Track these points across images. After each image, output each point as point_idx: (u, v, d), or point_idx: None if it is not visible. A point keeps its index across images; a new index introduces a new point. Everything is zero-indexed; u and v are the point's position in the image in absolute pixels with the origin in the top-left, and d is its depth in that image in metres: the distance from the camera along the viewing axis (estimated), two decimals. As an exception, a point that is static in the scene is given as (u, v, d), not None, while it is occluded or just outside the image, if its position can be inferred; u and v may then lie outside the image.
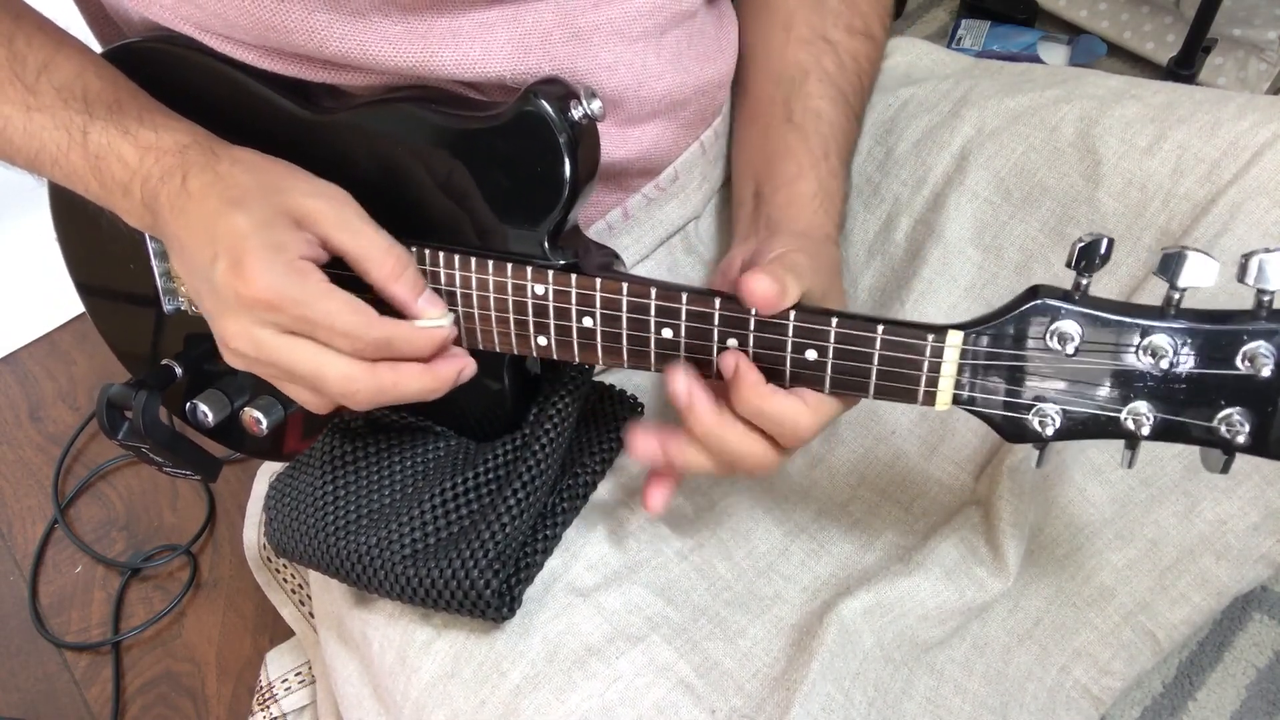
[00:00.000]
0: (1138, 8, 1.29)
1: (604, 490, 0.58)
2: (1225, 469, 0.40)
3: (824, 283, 0.48)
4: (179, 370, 0.59)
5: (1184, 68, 1.13)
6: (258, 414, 0.52)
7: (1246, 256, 0.36)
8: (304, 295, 0.43)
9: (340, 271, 0.45)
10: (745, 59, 0.61)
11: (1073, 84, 0.60)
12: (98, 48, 0.53)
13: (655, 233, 0.61)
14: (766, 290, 0.43)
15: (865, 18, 0.60)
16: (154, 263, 0.58)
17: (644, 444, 0.48)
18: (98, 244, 0.60)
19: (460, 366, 0.48)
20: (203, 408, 0.55)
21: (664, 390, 0.47)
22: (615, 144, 0.54)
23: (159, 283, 0.59)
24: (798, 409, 0.45)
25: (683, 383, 0.46)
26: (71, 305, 0.65)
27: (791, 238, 0.50)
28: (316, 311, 0.43)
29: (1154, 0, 1.26)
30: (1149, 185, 0.54)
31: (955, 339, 0.42)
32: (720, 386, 0.47)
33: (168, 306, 0.59)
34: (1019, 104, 0.60)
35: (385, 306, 0.45)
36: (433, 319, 0.46)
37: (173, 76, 0.51)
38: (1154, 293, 0.54)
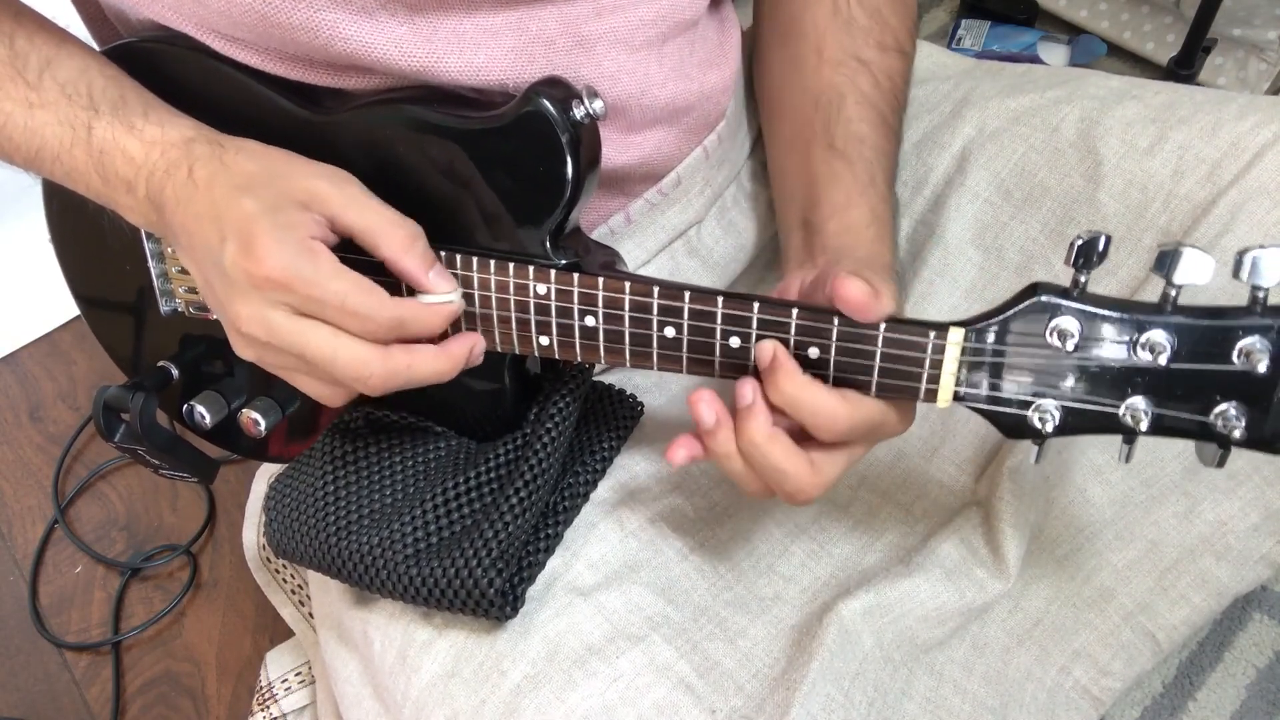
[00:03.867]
0: (1138, 8, 1.29)
1: (605, 489, 0.58)
2: (1221, 463, 0.41)
3: (898, 306, 0.47)
4: (175, 372, 0.59)
5: (1184, 68, 1.13)
6: (256, 415, 0.52)
7: (1241, 253, 0.37)
8: (315, 275, 0.42)
9: (350, 255, 0.45)
10: (777, 86, 0.61)
11: (1074, 84, 0.60)
12: (96, 49, 0.53)
13: (658, 237, 0.61)
14: (858, 290, 0.42)
15: (895, 33, 0.59)
16: (150, 264, 0.58)
17: (681, 447, 0.47)
18: (93, 247, 0.60)
19: (471, 343, 0.47)
20: (200, 409, 0.55)
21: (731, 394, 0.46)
22: (617, 150, 0.54)
23: (156, 284, 0.59)
24: (834, 400, 0.44)
25: (749, 387, 0.45)
26: (72, 305, 0.65)
27: (855, 264, 0.49)
28: (327, 291, 0.43)
29: (1154, 0, 1.26)
30: (1150, 186, 0.54)
31: (956, 336, 0.42)
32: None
33: (164, 308, 0.59)
34: (1020, 105, 0.60)
35: (395, 290, 0.45)
36: (442, 294, 0.46)
37: (173, 76, 0.51)
38: (1154, 294, 0.54)
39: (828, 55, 0.57)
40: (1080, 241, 0.38)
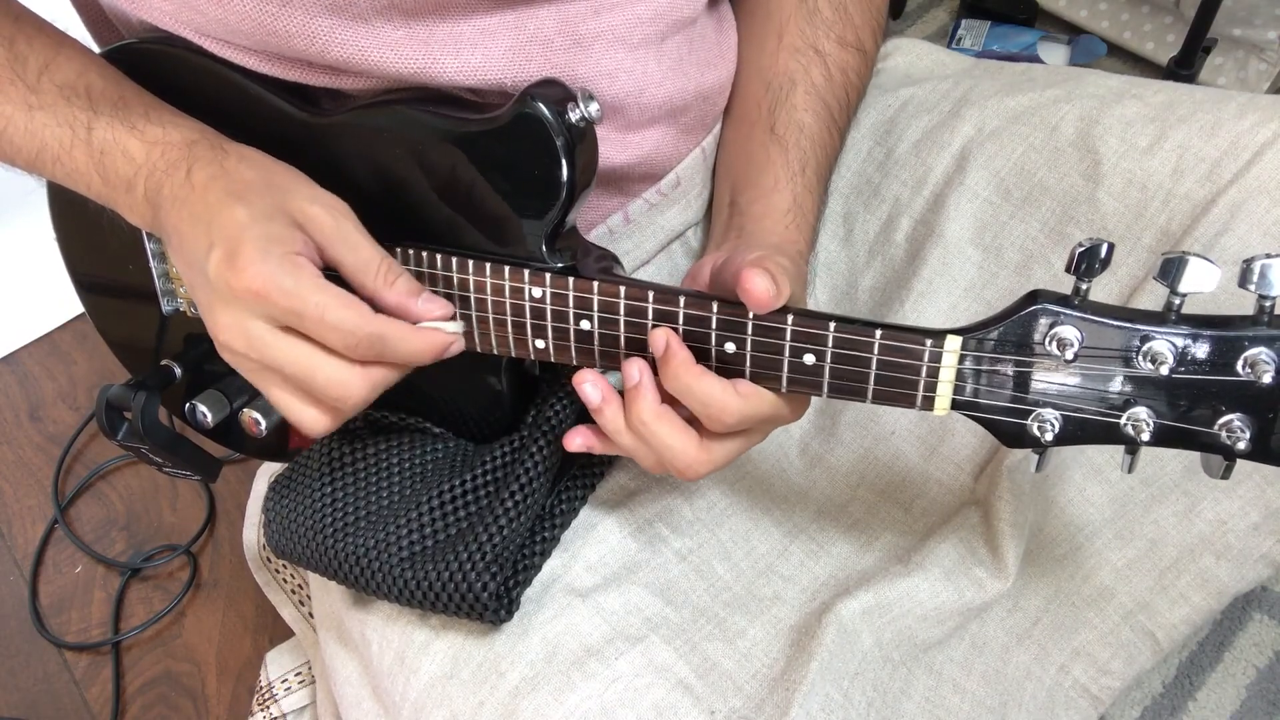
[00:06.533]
0: (1138, 8, 1.29)
1: (603, 492, 0.58)
2: (1226, 474, 0.40)
3: (798, 294, 0.48)
4: (178, 371, 0.59)
5: (1184, 68, 1.13)
6: (257, 415, 0.52)
7: (1248, 262, 0.36)
8: (296, 287, 0.42)
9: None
10: (738, 64, 0.61)
11: (1073, 84, 0.60)
12: (96, 50, 0.53)
13: (656, 237, 0.61)
14: (765, 288, 0.42)
15: (858, 30, 0.60)
16: (152, 263, 0.58)
17: (576, 435, 0.49)
18: (97, 244, 0.60)
19: (448, 341, 0.47)
20: (201, 408, 0.55)
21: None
22: (616, 149, 0.54)
23: (158, 284, 0.59)
24: (726, 392, 0.45)
25: (636, 367, 0.46)
26: (71, 305, 0.65)
27: (766, 249, 0.49)
28: (307, 304, 0.42)
29: (1154, 0, 1.26)
30: (1149, 185, 0.54)
31: (953, 344, 0.42)
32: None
33: (166, 307, 0.59)
34: (1019, 104, 0.60)
35: None
36: (437, 319, 0.46)
37: (171, 77, 0.51)
38: (1154, 293, 0.54)
39: (787, 40, 0.58)
40: (1081, 249, 0.38)
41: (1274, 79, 1.20)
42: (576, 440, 0.49)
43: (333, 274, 0.45)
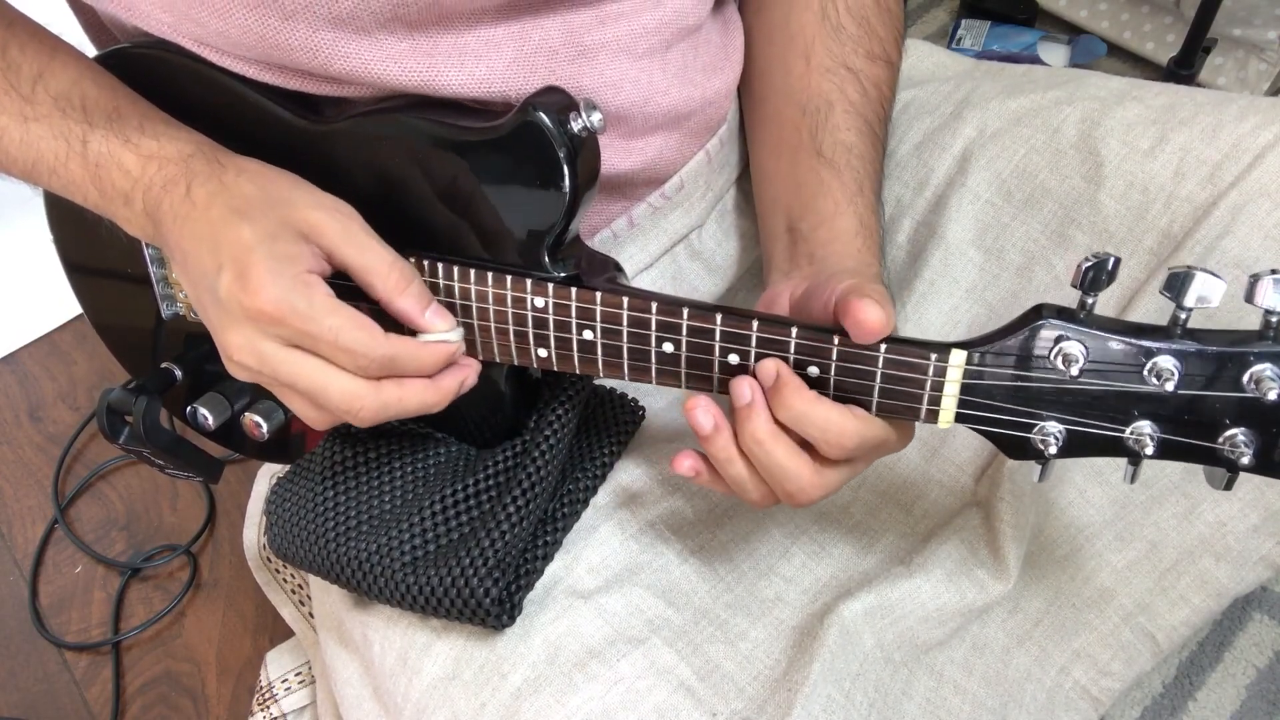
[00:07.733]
0: (1138, 8, 1.29)
1: (605, 493, 0.58)
2: (1229, 486, 0.40)
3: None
4: (179, 373, 0.59)
5: (1184, 68, 1.13)
6: (258, 418, 0.52)
7: (1255, 277, 0.36)
8: (310, 309, 0.42)
9: (344, 282, 0.45)
10: (765, 89, 0.61)
11: (1074, 85, 0.60)
12: (93, 53, 0.52)
13: (660, 241, 0.61)
14: (877, 317, 0.41)
15: (884, 43, 0.59)
16: (151, 268, 0.58)
17: (686, 457, 0.47)
18: (95, 249, 0.60)
19: (461, 377, 0.47)
20: (203, 411, 0.55)
21: (684, 399, 0.46)
22: (619, 156, 0.54)
23: (157, 288, 0.59)
24: (843, 415, 0.44)
25: (747, 385, 0.44)
26: (71, 305, 0.65)
27: (848, 275, 0.48)
28: (321, 327, 0.42)
29: (1154, 0, 1.26)
30: (1150, 187, 0.54)
31: (958, 358, 0.42)
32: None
33: (166, 311, 0.59)
34: (1020, 105, 0.60)
35: (390, 322, 0.45)
36: (440, 333, 0.46)
37: (167, 83, 0.50)
38: (1155, 294, 0.54)
39: (816, 61, 0.57)
40: (1088, 264, 0.38)
41: (1274, 79, 1.20)
42: (686, 463, 0.47)
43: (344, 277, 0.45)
